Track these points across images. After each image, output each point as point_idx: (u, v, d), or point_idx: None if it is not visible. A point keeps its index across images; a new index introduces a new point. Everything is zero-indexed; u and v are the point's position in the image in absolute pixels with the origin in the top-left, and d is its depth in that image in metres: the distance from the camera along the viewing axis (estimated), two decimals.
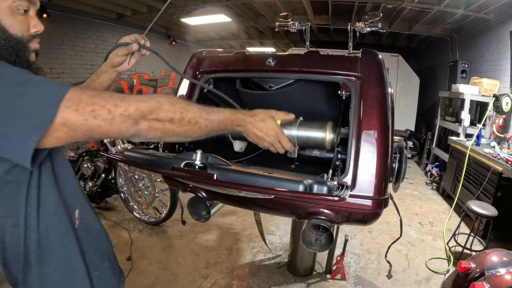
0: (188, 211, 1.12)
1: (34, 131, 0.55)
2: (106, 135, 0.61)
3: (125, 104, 0.60)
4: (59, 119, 0.56)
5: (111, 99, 0.60)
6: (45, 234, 0.71)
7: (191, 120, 0.68)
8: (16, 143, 0.56)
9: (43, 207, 0.70)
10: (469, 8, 4.27)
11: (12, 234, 0.70)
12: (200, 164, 0.82)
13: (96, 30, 5.57)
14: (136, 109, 0.61)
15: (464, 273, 1.70)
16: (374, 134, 0.96)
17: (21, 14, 0.70)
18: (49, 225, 0.72)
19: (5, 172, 0.63)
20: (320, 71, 1.11)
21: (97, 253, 0.83)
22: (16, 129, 0.56)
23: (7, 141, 0.56)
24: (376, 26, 1.59)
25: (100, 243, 0.85)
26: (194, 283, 2.35)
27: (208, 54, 1.35)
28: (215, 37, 8.35)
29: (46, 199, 0.71)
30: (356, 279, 2.47)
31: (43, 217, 0.71)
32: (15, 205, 0.67)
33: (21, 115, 0.55)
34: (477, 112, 4.41)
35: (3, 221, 0.70)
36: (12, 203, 0.67)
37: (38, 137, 0.55)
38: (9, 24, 0.68)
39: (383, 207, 0.95)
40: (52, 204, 0.72)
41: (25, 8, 0.70)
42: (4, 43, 0.68)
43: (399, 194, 4.41)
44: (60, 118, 0.56)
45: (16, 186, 0.66)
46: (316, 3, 5.10)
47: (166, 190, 3.11)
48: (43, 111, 0.56)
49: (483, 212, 2.48)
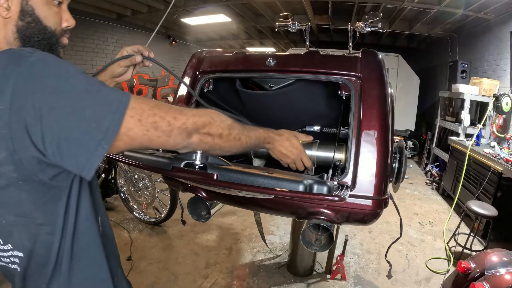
0: (188, 211, 1.12)
1: (104, 138, 0.52)
2: (160, 146, 0.61)
3: (184, 117, 0.61)
4: (123, 128, 0.54)
5: (170, 111, 0.60)
6: (77, 241, 0.68)
7: (236, 136, 0.72)
8: (83, 150, 0.52)
9: (80, 214, 0.68)
10: (469, 8, 4.27)
11: (45, 242, 0.65)
12: (200, 164, 0.82)
13: (96, 30, 5.58)
14: (193, 123, 0.62)
15: (464, 273, 1.70)
16: (374, 134, 0.96)
17: (55, 5, 0.67)
18: (81, 232, 0.69)
19: (51, 178, 0.59)
20: (320, 71, 1.11)
21: (114, 259, 0.81)
22: (83, 134, 0.52)
23: (72, 146, 0.52)
24: (376, 26, 1.59)
25: (114, 249, 0.83)
26: (194, 283, 2.35)
27: (208, 54, 1.35)
28: (215, 37, 8.35)
29: (83, 206, 0.69)
30: (356, 279, 2.47)
31: (78, 225, 0.68)
32: (54, 212, 0.63)
33: (87, 118, 0.52)
34: (477, 112, 4.41)
35: (38, 229, 0.64)
36: (52, 210, 0.63)
37: (108, 145, 0.53)
38: (43, 14, 0.64)
39: (383, 207, 0.95)
40: (85, 210, 0.70)
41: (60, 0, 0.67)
42: (38, 34, 0.64)
43: (399, 194, 4.41)
44: (124, 127, 0.54)
45: (58, 192, 0.63)
46: (316, 3, 5.10)
47: (166, 190, 3.11)
48: (110, 117, 0.53)
49: (483, 212, 2.48)
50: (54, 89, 0.51)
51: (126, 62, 0.93)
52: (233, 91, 1.33)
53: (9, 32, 0.63)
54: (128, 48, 0.94)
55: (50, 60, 0.54)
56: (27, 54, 0.53)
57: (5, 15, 0.61)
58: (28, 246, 0.65)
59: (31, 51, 0.54)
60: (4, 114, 0.50)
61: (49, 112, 0.50)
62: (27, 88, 0.50)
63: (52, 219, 0.64)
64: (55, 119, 0.51)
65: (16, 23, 0.62)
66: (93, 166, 0.54)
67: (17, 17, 0.62)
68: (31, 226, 0.63)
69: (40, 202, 0.61)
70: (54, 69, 0.53)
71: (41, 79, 0.51)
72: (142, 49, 0.94)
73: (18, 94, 0.50)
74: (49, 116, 0.50)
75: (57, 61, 0.55)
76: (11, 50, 0.55)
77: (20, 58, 0.52)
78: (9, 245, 0.65)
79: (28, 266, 0.67)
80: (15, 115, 0.50)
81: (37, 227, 0.64)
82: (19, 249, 0.65)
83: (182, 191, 1.13)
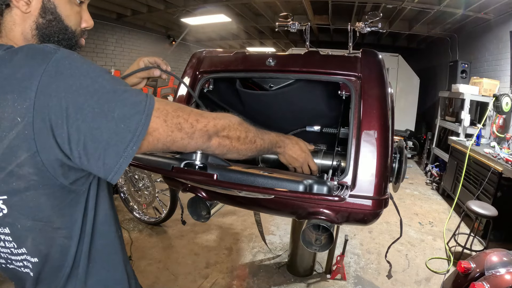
0: (188, 211, 1.12)
1: (133, 139, 0.51)
2: (182, 148, 0.61)
3: (205, 120, 0.62)
4: (150, 129, 0.53)
5: (192, 114, 0.61)
6: (94, 244, 0.67)
7: (252, 139, 0.73)
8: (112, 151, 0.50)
9: (97, 217, 0.67)
10: (469, 8, 4.27)
11: (61, 246, 0.63)
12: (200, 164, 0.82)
13: (96, 30, 5.59)
14: (214, 126, 0.63)
15: (464, 273, 1.70)
16: (374, 134, 0.96)
17: (77, 4, 0.65)
18: (99, 235, 0.68)
19: (71, 183, 0.57)
20: (320, 71, 1.11)
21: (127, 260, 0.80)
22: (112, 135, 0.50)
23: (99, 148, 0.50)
24: (376, 26, 1.59)
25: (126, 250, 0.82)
26: (194, 283, 2.35)
27: (208, 54, 1.35)
28: (215, 37, 8.35)
29: (101, 209, 0.67)
30: (356, 279, 2.47)
31: (96, 227, 0.67)
32: (72, 216, 0.62)
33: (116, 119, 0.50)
34: (477, 112, 4.41)
35: (55, 233, 0.61)
36: (70, 214, 0.61)
37: (137, 147, 0.51)
38: (65, 13, 0.62)
39: (383, 207, 0.95)
40: (103, 212, 0.69)
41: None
42: (58, 34, 0.62)
43: (399, 194, 4.41)
44: (150, 127, 0.53)
45: (76, 196, 0.61)
46: (316, 3, 5.10)
47: (166, 190, 3.11)
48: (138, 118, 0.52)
49: (483, 212, 2.48)
50: (82, 88, 0.49)
51: (144, 74, 0.93)
52: (233, 91, 1.33)
53: (28, 29, 0.60)
54: (145, 59, 0.93)
55: (76, 58, 0.52)
56: (52, 51, 0.50)
57: (25, 9, 0.58)
58: (44, 250, 0.63)
59: (56, 48, 0.52)
60: (28, 114, 0.48)
61: (76, 112, 0.48)
62: (53, 87, 0.48)
63: (69, 223, 0.62)
64: (82, 119, 0.49)
65: (36, 19, 0.60)
66: (121, 169, 0.52)
67: (37, 14, 0.60)
68: (48, 230, 0.61)
69: (58, 206, 0.58)
70: (81, 68, 0.51)
71: (68, 77, 0.49)
72: (160, 62, 0.94)
73: (44, 92, 0.48)
74: (76, 116, 0.48)
75: (83, 59, 0.53)
76: (32, 46, 0.52)
77: (45, 54, 0.50)
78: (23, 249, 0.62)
79: (42, 270, 0.65)
80: (40, 114, 0.48)
81: (53, 231, 0.61)
82: (33, 254, 0.62)
83: (182, 191, 1.13)
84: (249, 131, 0.72)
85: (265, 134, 0.79)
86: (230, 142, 0.68)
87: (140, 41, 6.73)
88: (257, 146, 0.75)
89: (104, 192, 0.69)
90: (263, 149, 0.79)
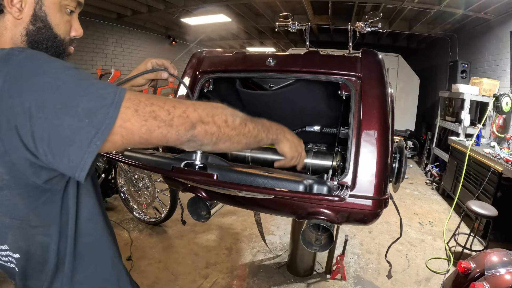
0: (188, 211, 1.12)
1: (97, 134, 0.50)
2: (163, 139, 0.56)
3: (183, 106, 0.57)
4: (119, 121, 0.51)
5: (169, 101, 0.57)
6: (80, 241, 0.67)
7: (242, 122, 0.66)
8: (75, 147, 0.49)
9: (80, 214, 0.67)
10: (469, 8, 4.27)
11: (41, 243, 0.64)
12: (200, 164, 0.82)
13: (96, 30, 5.58)
14: (194, 111, 0.58)
15: (464, 273, 1.70)
16: (374, 134, 0.96)
17: (67, 13, 0.66)
18: (84, 232, 0.68)
19: (45, 182, 0.57)
20: (320, 71, 1.11)
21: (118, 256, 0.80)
22: (75, 130, 0.49)
23: (63, 144, 0.49)
24: (376, 26, 1.59)
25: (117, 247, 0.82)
26: (194, 283, 2.35)
27: (208, 54, 1.35)
28: (215, 37, 8.35)
29: (84, 206, 0.67)
30: (356, 279, 2.47)
31: (80, 225, 0.67)
32: (49, 214, 0.63)
33: (79, 114, 0.49)
34: (477, 112, 4.41)
35: (33, 231, 0.63)
36: (47, 212, 0.62)
37: (101, 141, 0.50)
38: (55, 22, 0.64)
39: (383, 207, 0.95)
40: (88, 210, 0.69)
41: (72, 8, 0.67)
42: (47, 41, 0.64)
43: (399, 194, 4.41)
44: (120, 119, 0.51)
45: (51, 195, 0.61)
46: (316, 3, 5.10)
47: (166, 190, 3.11)
48: (104, 111, 0.50)
49: (483, 212, 2.48)
50: (44, 86, 0.49)
51: (151, 75, 0.92)
52: (233, 91, 1.33)
53: (17, 34, 0.61)
54: (153, 61, 0.92)
55: (40, 57, 0.53)
56: (16, 53, 0.52)
57: (17, 16, 0.60)
58: (24, 247, 0.64)
59: (21, 50, 0.53)
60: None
61: (38, 110, 0.48)
62: (15, 88, 0.49)
63: (47, 221, 0.63)
64: (45, 117, 0.48)
65: (27, 26, 0.61)
66: (86, 165, 0.50)
67: (28, 21, 0.61)
68: (26, 228, 0.62)
69: (33, 205, 0.59)
70: (43, 66, 0.51)
71: (30, 76, 0.50)
72: (168, 65, 0.92)
73: (7, 94, 0.49)
74: (38, 114, 0.48)
75: (47, 58, 0.53)
76: (2, 50, 0.54)
77: (8, 57, 0.51)
78: (5, 245, 0.65)
79: (26, 265, 0.66)
80: (5, 116, 0.49)
81: (32, 229, 0.62)
82: (15, 250, 0.65)
83: (182, 191, 1.13)
84: (236, 115, 0.65)
85: (256, 119, 0.72)
86: (218, 129, 0.61)
87: (140, 41, 6.72)
88: (249, 129, 0.67)
89: (87, 189, 0.69)
90: (259, 135, 0.71)
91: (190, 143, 0.59)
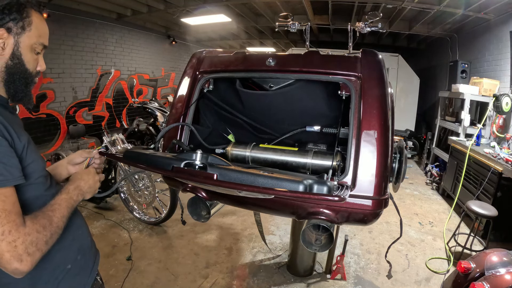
0: (188, 211, 1.12)
1: None
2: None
3: (14, 235, 0.66)
4: None
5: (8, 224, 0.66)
6: None
7: (56, 223, 0.77)
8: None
9: None
10: (469, 8, 4.27)
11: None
12: (200, 164, 0.82)
13: (96, 30, 5.57)
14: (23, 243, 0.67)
15: (464, 273, 1.70)
16: (374, 134, 0.96)
17: (35, 54, 0.84)
18: None
19: None
20: (320, 71, 1.12)
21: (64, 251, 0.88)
22: None
23: None
24: (376, 26, 1.59)
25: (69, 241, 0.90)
26: (194, 283, 2.35)
27: (208, 54, 1.35)
28: (215, 37, 8.35)
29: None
30: (356, 279, 2.47)
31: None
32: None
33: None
34: (477, 112, 4.41)
35: None
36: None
37: None
38: (27, 59, 0.82)
39: (383, 207, 0.95)
40: None
41: (39, 50, 0.85)
42: (20, 73, 0.81)
43: (399, 194, 4.41)
44: None
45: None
46: (316, 3, 5.10)
47: (166, 190, 3.11)
48: None
49: (483, 212, 2.48)
50: None
51: (85, 154, 1.03)
52: (233, 91, 1.33)
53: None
54: (83, 153, 1.04)
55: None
56: None
57: (0, 53, 0.77)
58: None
59: None
60: None
61: None
62: None
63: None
64: None
65: (6, 61, 0.79)
66: None
67: (8, 57, 0.79)
68: None
69: None
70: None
71: None
72: (95, 153, 1.05)
73: None
74: None
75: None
76: None
77: None
78: None
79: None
80: None
81: None
82: None
83: (182, 191, 1.13)
84: (46, 227, 0.73)
85: (54, 204, 0.81)
86: (41, 252, 0.71)
87: (140, 41, 6.71)
88: (62, 213, 0.79)
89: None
90: (69, 212, 0.83)
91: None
